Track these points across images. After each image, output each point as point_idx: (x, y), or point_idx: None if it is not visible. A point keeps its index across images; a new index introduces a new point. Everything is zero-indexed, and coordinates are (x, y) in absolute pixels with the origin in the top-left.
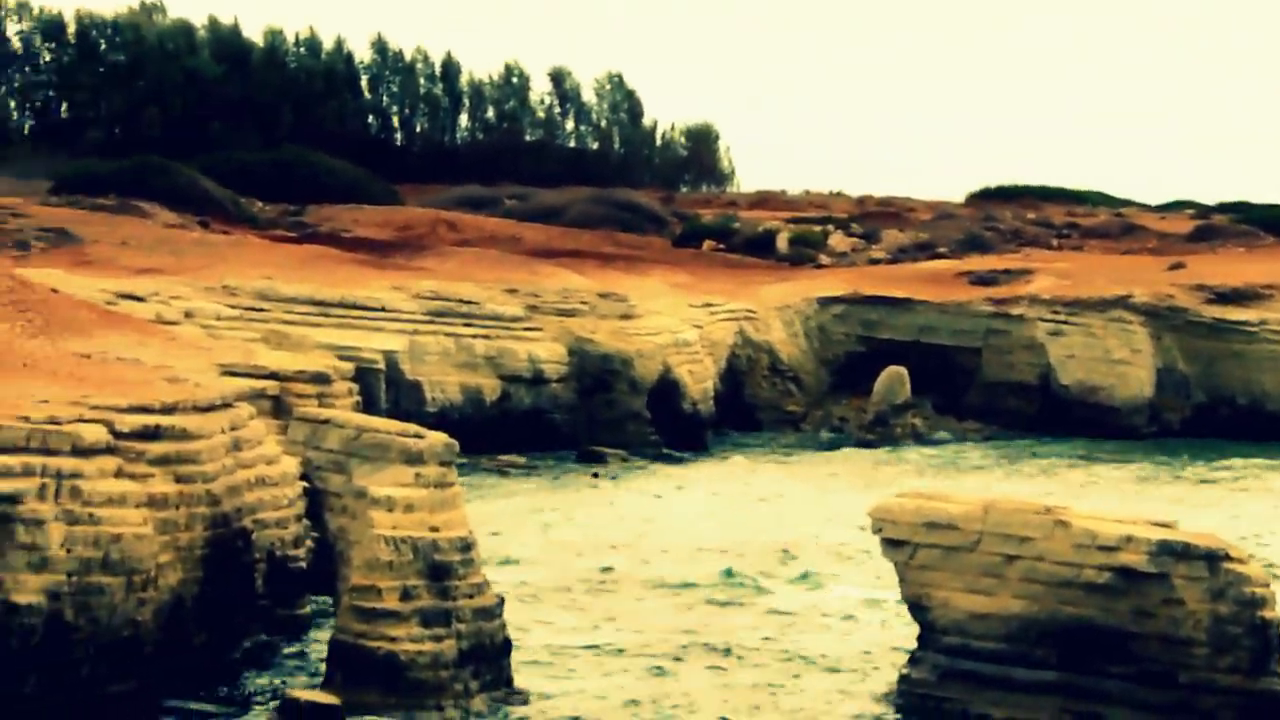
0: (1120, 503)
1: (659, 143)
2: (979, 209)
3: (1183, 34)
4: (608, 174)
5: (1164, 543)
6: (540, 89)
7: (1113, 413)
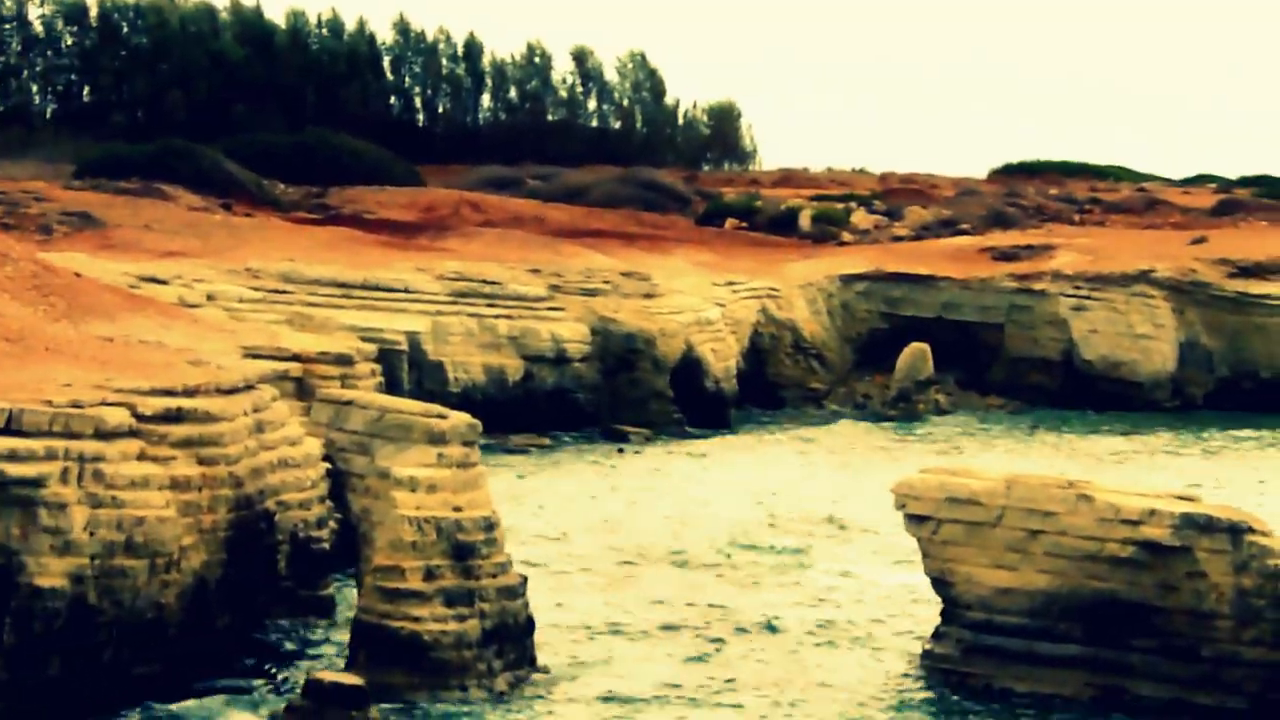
0: (1144, 476)
1: (682, 121)
2: (1002, 185)
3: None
4: (630, 153)
5: (1187, 516)
6: (563, 68)
7: (1136, 387)
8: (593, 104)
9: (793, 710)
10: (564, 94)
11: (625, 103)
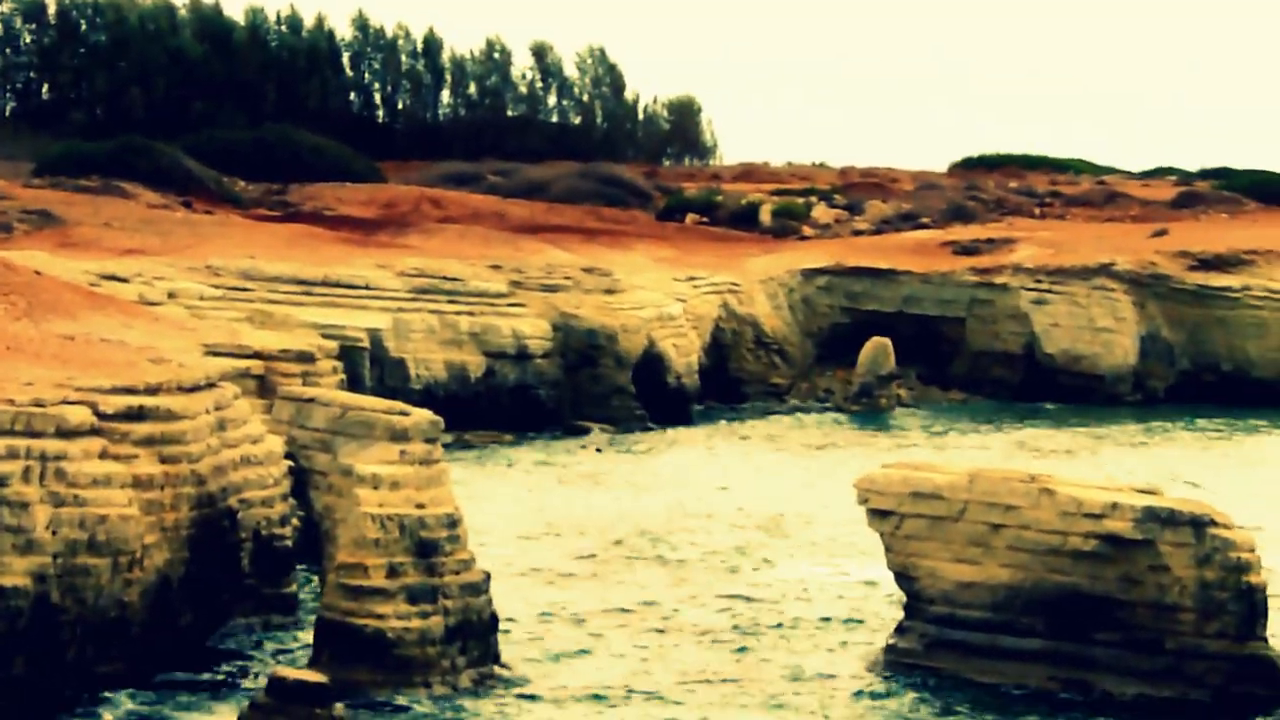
0: (1106, 470)
1: (642, 117)
2: (962, 179)
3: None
4: (591, 149)
5: (1150, 509)
6: (522, 64)
7: (1097, 380)
8: (553, 99)
9: (755, 706)
10: (524, 90)
11: (585, 98)
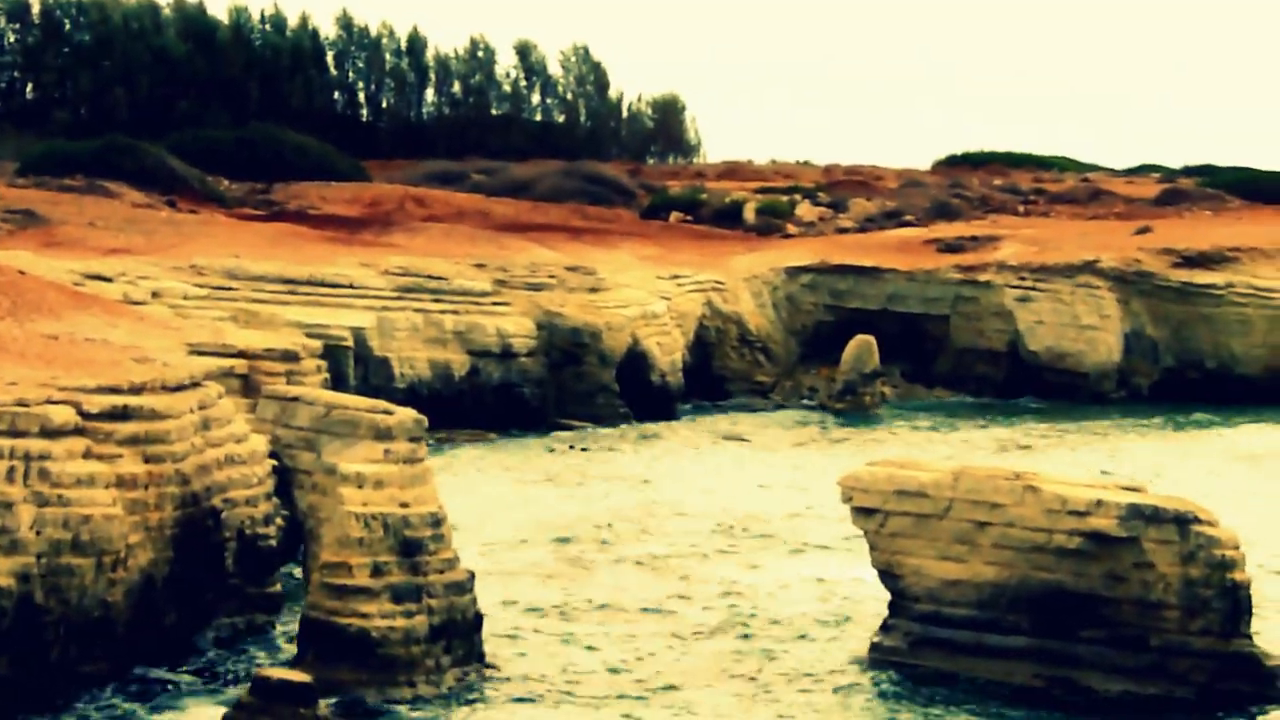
0: (1090, 468)
1: (626, 115)
2: (946, 176)
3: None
4: (575, 147)
5: (1134, 506)
6: (506, 62)
7: (1082, 378)
8: (537, 98)
9: (739, 703)
10: (508, 88)
11: (569, 96)
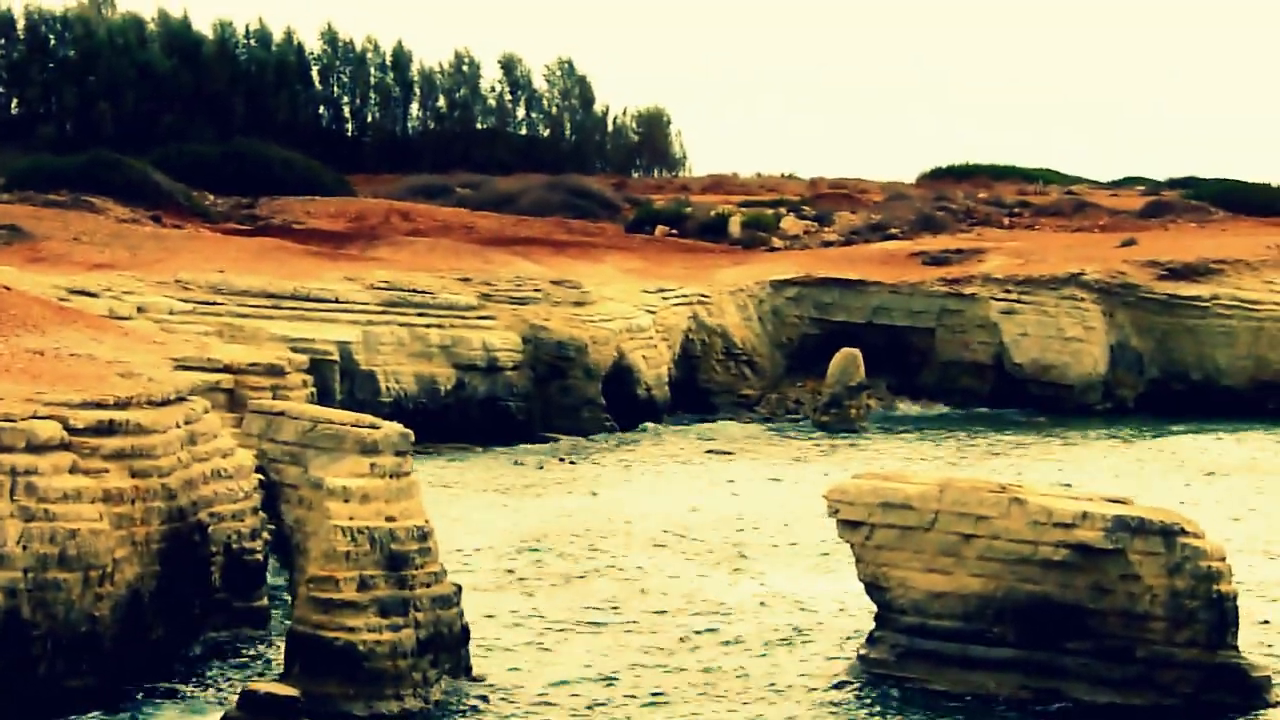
0: (1076, 479)
1: (610, 129)
2: (931, 189)
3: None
4: (560, 161)
5: (1120, 518)
6: (491, 76)
7: (1067, 390)
8: (521, 112)
9: (725, 716)
10: (493, 102)
11: (554, 110)
